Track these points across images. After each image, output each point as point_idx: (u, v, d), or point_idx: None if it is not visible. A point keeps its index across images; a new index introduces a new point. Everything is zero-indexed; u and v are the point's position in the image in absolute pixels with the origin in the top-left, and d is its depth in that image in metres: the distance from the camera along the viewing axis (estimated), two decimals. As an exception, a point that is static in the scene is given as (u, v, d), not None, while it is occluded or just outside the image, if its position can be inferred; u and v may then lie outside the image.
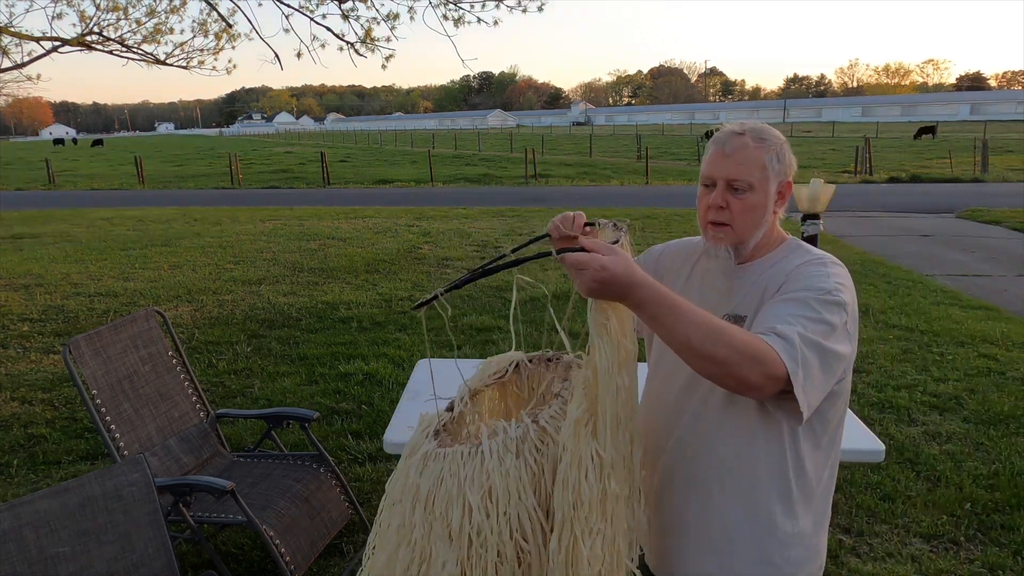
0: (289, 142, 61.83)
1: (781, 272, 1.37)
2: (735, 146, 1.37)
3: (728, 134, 1.41)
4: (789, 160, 1.41)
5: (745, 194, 1.36)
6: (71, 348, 2.69)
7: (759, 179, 1.36)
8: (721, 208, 1.38)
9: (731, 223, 1.38)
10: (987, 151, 19.83)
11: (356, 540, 3.06)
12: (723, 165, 1.38)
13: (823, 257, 1.38)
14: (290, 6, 7.17)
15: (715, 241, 1.41)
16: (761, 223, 1.40)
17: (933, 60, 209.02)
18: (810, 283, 1.30)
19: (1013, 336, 5.64)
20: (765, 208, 1.39)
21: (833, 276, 1.32)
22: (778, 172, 1.39)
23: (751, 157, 1.36)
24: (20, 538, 1.69)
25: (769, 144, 1.38)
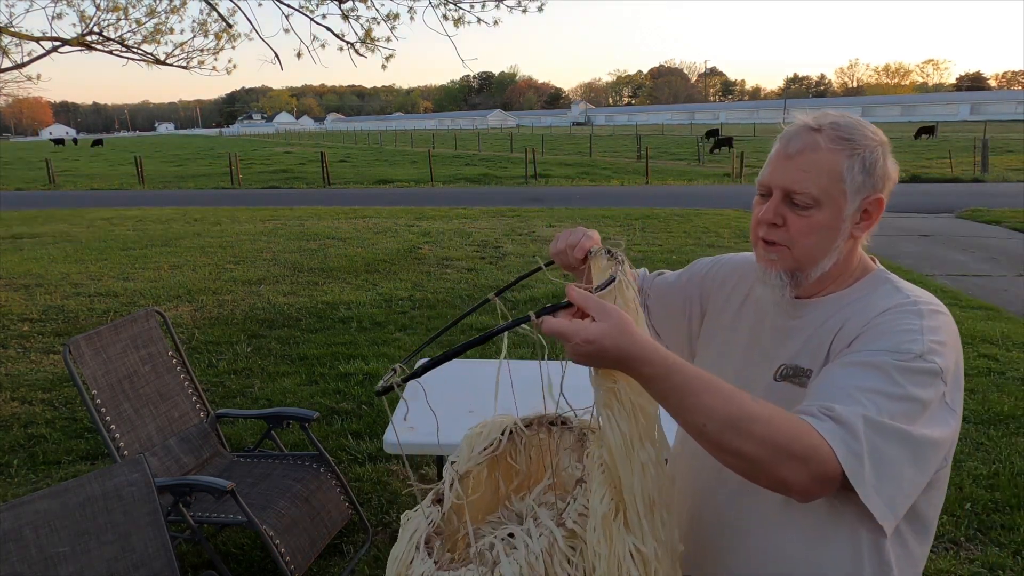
0: (289, 142, 61.84)
1: (859, 317, 1.04)
2: (802, 145, 1.05)
3: (799, 129, 1.08)
4: (883, 170, 1.06)
5: (808, 211, 1.05)
6: (71, 348, 2.70)
7: (829, 193, 1.04)
8: (775, 225, 1.08)
9: (788, 244, 1.08)
10: (987, 151, 19.82)
11: (356, 540, 3.06)
12: (783, 170, 1.06)
13: (918, 301, 1.03)
14: (290, 6, 7.17)
15: (766, 264, 1.11)
16: (829, 249, 1.07)
17: (933, 60, 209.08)
18: (894, 341, 0.97)
19: (1013, 336, 5.64)
20: (836, 230, 1.06)
21: (928, 331, 0.98)
22: (862, 185, 1.05)
23: (821, 162, 1.04)
24: (20, 538, 1.69)
25: (853, 147, 1.04)
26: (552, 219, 12.76)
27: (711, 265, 1.37)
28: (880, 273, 1.13)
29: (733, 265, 1.33)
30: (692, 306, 1.35)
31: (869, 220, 1.09)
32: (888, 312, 1.02)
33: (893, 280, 1.11)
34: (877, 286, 1.10)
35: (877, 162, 1.06)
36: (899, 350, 0.96)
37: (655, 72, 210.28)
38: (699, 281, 1.35)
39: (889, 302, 1.04)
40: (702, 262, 1.40)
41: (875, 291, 1.09)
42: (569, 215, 13.24)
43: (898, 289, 1.08)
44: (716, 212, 13.36)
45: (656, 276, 1.46)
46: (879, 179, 1.06)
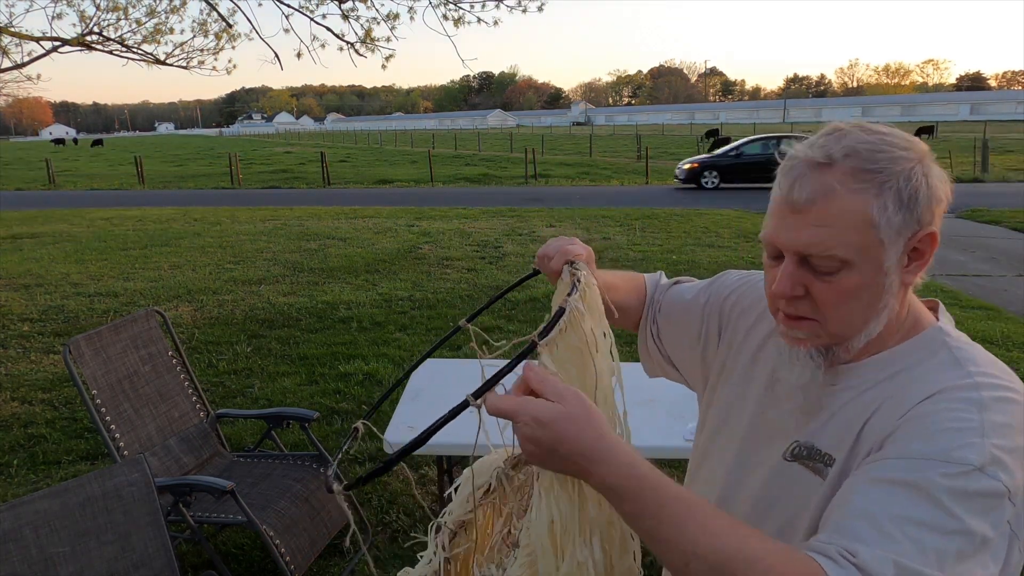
0: (289, 142, 61.85)
1: (902, 397, 0.79)
2: (811, 193, 0.78)
3: (803, 166, 0.80)
4: (928, 195, 0.79)
5: (835, 276, 0.79)
6: (71, 348, 2.70)
7: (861, 248, 0.78)
8: (797, 297, 0.82)
9: (817, 317, 0.83)
10: (987, 151, 19.83)
11: (356, 540, 3.06)
12: (791, 227, 0.80)
13: (979, 383, 0.76)
14: (290, 6, 7.17)
15: (791, 341, 0.86)
16: (874, 312, 0.81)
17: (933, 60, 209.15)
18: (944, 446, 0.71)
19: (1013, 336, 5.64)
20: (879, 287, 0.80)
21: (992, 431, 0.71)
22: (903, 225, 0.78)
23: (843, 212, 0.77)
24: (20, 538, 1.69)
25: (881, 179, 0.77)
26: (552, 219, 12.76)
27: (737, 285, 1.11)
28: (936, 333, 0.85)
29: (758, 293, 1.04)
30: (709, 336, 1.11)
31: (922, 259, 0.82)
32: (937, 398, 0.75)
33: (952, 343, 0.83)
34: (931, 352, 0.83)
35: (919, 189, 0.78)
36: (950, 459, 0.69)
37: (655, 72, 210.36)
38: (720, 302, 1.10)
39: (941, 381, 0.77)
40: (729, 278, 1.14)
41: (928, 360, 0.82)
42: (569, 215, 13.24)
43: (956, 361, 0.80)
44: (716, 212, 13.36)
45: (672, 285, 1.21)
46: (924, 210, 0.79)
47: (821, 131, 0.83)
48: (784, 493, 0.88)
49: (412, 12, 7.49)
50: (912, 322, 0.87)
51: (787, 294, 0.82)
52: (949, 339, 0.84)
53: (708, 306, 1.11)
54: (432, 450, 2.86)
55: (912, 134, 0.84)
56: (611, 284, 1.12)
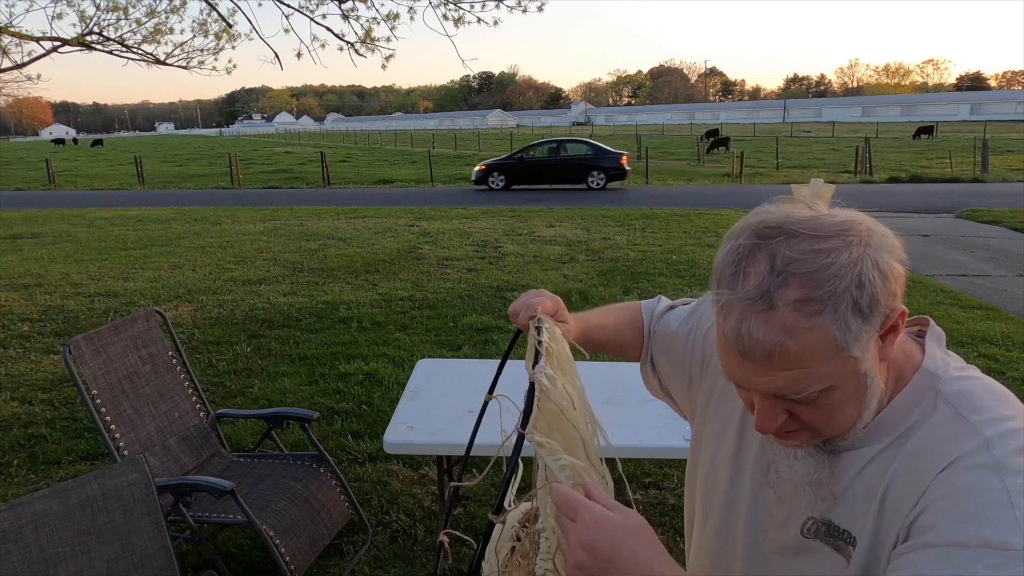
0: (289, 142, 61.84)
1: (914, 471, 0.75)
2: (764, 345, 0.71)
3: (743, 310, 0.72)
4: (885, 283, 0.71)
5: (818, 399, 0.75)
6: (71, 348, 2.70)
7: (836, 372, 0.73)
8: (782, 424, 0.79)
9: (810, 428, 0.80)
10: (987, 151, 19.83)
11: (356, 540, 3.06)
12: (754, 375, 0.74)
13: (990, 441, 0.72)
14: (290, 6, 7.17)
15: (787, 447, 0.83)
16: (864, 407, 0.78)
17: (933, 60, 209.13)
18: (979, 530, 0.67)
19: (1013, 336, 5.64)
20: (864, 388, 0.76)
21: (1017, 493, 0.68)
22: (868, 329, 0.72)
23: (806, 352, 0.71)
24: (20, 538, 1.69)
25: (834, 303, 0.69)
26: (552, 219, 12.77)
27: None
28: (926, 379, 0.80)
29: None
30: (693, 368, 1.06)
31: (896, 332, 0.75)
32: (952, 470, 0.72)
33: (946, 391, 0.78)
34: (928, 408, 0.78)
35: (875, 288, 0.70)
36: (989, 545, 0.66)
37: (655, 72, 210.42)
38: (703, 335, 1.04)
39: (950, 447, 0.74)
40: (706, 310, 1.07)
41: (927, 419, 0.78)
42: (569, 215, 13.24)
43: (957, 414, 0.76)
44: (716, 212, 13.36)
45: (666, 314, 1.16)
46: (884, 301, 0.71)
47: (740, 240, 0.74)
48: (806, 571, 0.85)
49: (412, 12, 7.51)
50: (896, 374, 0.81)
51: (771, 429, 0.78)
52: (941, 384, 0.79)
53: (691, 338, 1.06)
54: (432, 450, 2.86)
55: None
56: (601, 324, 1.12)
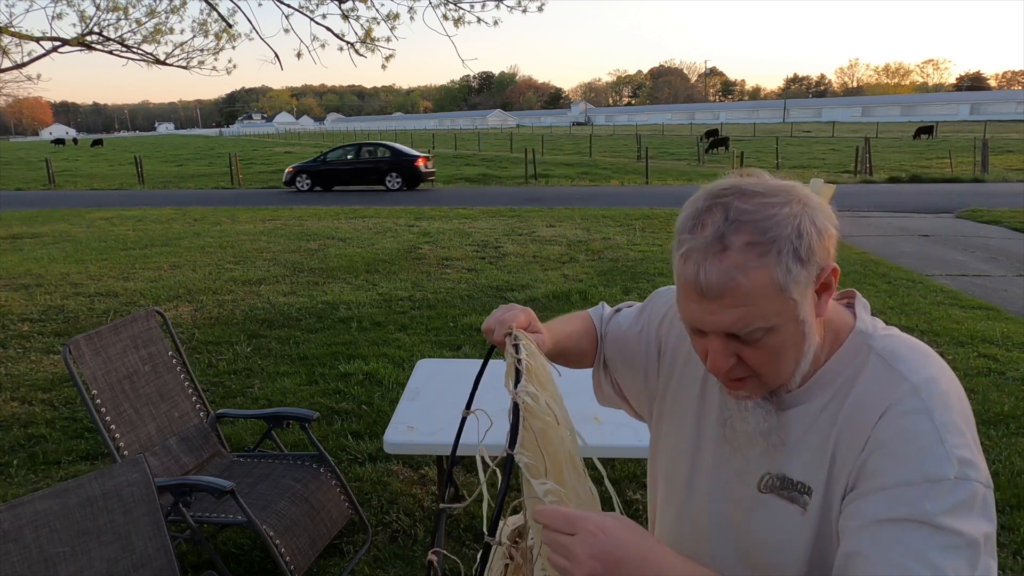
0: (289, 142, 61.83)
1: (856, 419, 0.86)
2: (719, 281, 0.81)
3: (701, 252, 0.82)
4: (820, 238, 0.83)
5: (762, 340, 0.84)
6: (71, 348, 2.69)
7: (778, 312, 0.83)
8: (731, 368, 0.88)
9: (755, 374, 0.89)
10: (987, 151, 19.83)
11: (356, 540, 3.06)
12: (708, 312, 0.83)
13: (917, 387, 0.84)
14: (290, 6, 7.17)
15: (738, 398, 0.93)
16: (802, 355, 0.87)
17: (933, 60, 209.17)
18: (918, 469, 0.78)
19: (1013, 336, 5.64)
20: (802, 335, 0.86)
21: (947, 434, 0.80)
22: (807, 276, 0.82)
23: (753, 290, 0.81)
24: (20, 538, 1.69)
25: (777, 246, 0.80)
26: (552, 219, 12.76)
27: (667, 306, 1.12)
28: (859, 337, 0.91)
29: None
30: (648, 361, 1.13)
31: (830, 290, 0.88)
32: (888, 418, 0.83)
33: (877, 347, 0.89)
34: (861, 361, 0.89)
35: (811, 239, 0.82)
36: (929, 478, 0.77)
37: (655, 72, 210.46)
38: (656, 328, 1.12)
39: (884, 394, 0.85)
40: (658, 299, 1.16)
41: (861, 371, 0.88)
42: (569, 215, 13.24)
43: (886, 364, 0.87)
44: (716, 212, 13.35)
45: (614, 316, 1.23)
46: (820, 253, 0.83)
47: (699, 202, 0.85)
48: (767, 526, 0.92)
49: (412, 12, 7.50)
50: (833, 334, 0.92)
51: (722, 370, 0.87)
52: (872, 341, 0.90)
53: (644, 333, 1.13)
54: (432, 450, 2.86)
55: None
56: (568, 334, 1.16)
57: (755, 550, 0.93)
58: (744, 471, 0.95)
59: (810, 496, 0.88)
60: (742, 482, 0.96)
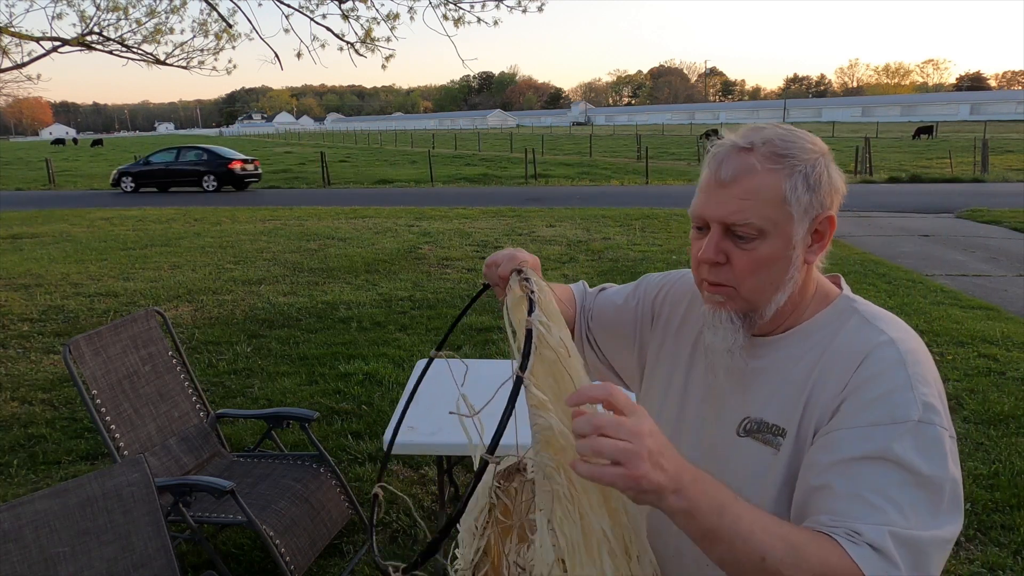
0: (289, 142, 61.84)
1: (833, 367, 0.92)
2: (735, 170, 0.91)
3: (728, 150, 0.94)
4: (829, 183, 0.93)
5: (752, 243, 0.91)
6: (71, 348, 2.69)
7: (774, 220, 0.91)
8: (717, 264, 0.94)
9: (734, 284, 0.95)
10: (987, 151, 19.83)
11: (356, 540, 3.06)
12: (718, 200, 0.92)
13: (894, 340, 0.91)
14: (290, 6, 7.17)
15: (713, 305, 0.98)
16: (782, 282, 0.94)
17: (933, 60, 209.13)
18: (887, 410, 0.85)
19: (1013, 336, 5.64)
20: (787, 260, 0.93)
21: (917, 382, 0.87)
22: (809, 205, 0.92)
23: (761, 187, 0.90)
24: (20, 538, 1.69)
25: (792, 163, 0.91)
26: (552, 219, 12.76)
27: (661, 282, 1.21)
28: (844, 301, 0.99)
29: (686, 286, 1.16)
30: (643, 332, 1.19)
31: (822, 241, 0.96)
32: (868, 364, 0.89)
33: (860, 309, 0.97)
34: (844, 319, 0.96)
35: (821, 176, 0.92)
36: (895, 420, 0.84)
37: (655, 72, 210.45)
38: (651, 301, 1.20)
39: (863, 343, 0.91)
40: (651, 278, 1.24)
41: (843, 326, 0.96)
42: (569, 215, 13.24)
43: (867, 321, 0.95)
44: (716, 212, 13.36)
45: (599, 293, 1.30)
46: (826, 195, 0.93)
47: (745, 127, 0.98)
48: (740, 467, 0.97)
49: (412, 12, 7.51)
50: (822, 296, 1.00)
51: (711, 259, 0.93)
52: (856, 304, 0.98)
53: (640, 307, 1.21)
54: (432, 450, 2.86)
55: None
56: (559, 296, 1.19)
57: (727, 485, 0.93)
58: (724, 417, 1.01)
59: (783, 437, 0.93)
60: (721, 429, 1.01)
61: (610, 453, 0.73)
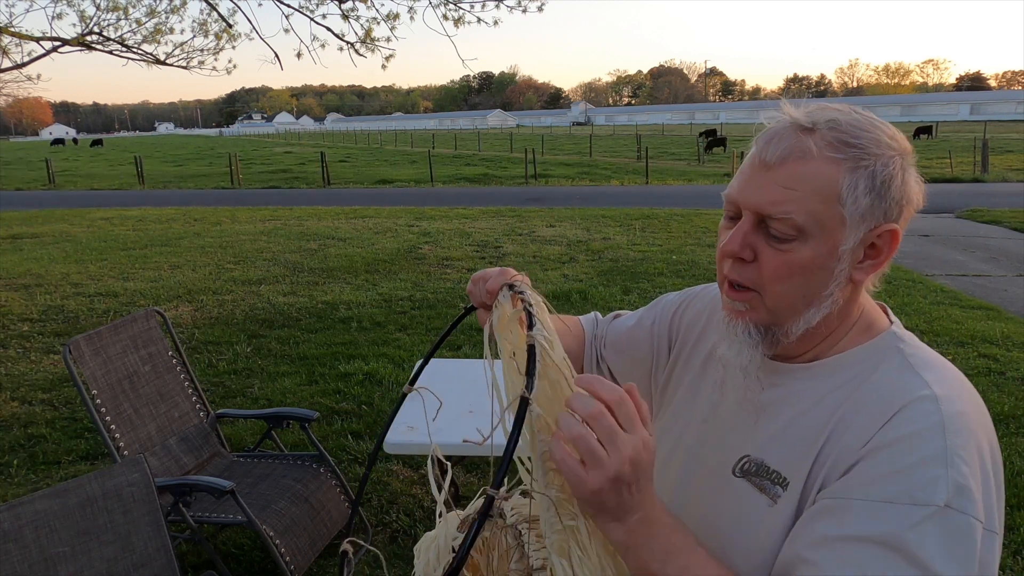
0: (289, 142, 61.84)
1: (859, 418, 0.75)
2: (786, 151, 0.75)
3: (784, 127, 0.78)
4: (901, 190, 0.76)
5: (788, 244, 0.76)
6: (71, 348, 2.70)
7: (820, 220, 0.75)
8: (741, 261, 0.79)
9: (758, 288, 0.79)
10: (987, 151, 19.83)
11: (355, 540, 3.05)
12: (758, 184, 0.77)
13: (938, 396, 0.73)
14: (290, 6, 7.17)
15: (731, 314, 0.83)
16: (816, 298, 0.78)
17: (933, 60, 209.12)
18: (908, 486, 0.69)
19: (1013, 336, 5.64)
20: (827, 272, 0.77)
21: (955, 457, 0.69)
22: (868, 211, 0.75)
23: (812, 176, 0.74)
24: (20, 538, 1.69)
25: (859, 155, 0.74)
26: (552, 219, 12.76)
27: (680, 301, 1.08)
28: (890, 338, 0.81)
29: (704, 301, 1.04)
30: (660, 354, 1.08)
31: (877, 259, 0.78)
32: (899, 421, 0.72)
33: (906, 349, 0.80)
34: (883, 357, 0.79)
35: (893, 179, 0.74)
36: (916, 501, 0.67)
37: (655, 72, 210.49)
38: (668, 319, 1.08)
39: (899, 393, 0.74)
40: (668, 299, 1.11)
41: (879, 366, 0.78)
42: (569, 215, 13.24)
43: (910, 367, 0.77)
44: (716, 212, 13.34)
45: (612, 320, 1.20)
46: (894, 203, 0.75)
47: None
48: (729, 510, 0.84)
49: (412, 12, 7.51)
50: (864, 326, 0.83)
51: (736, 251, 0.78)
52: (903, 344, 0.81)
53: (656, 326, 1.09)
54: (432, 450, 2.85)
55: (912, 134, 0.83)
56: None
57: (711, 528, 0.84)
58: (724, 447, 0.88)
59: (784, 488, 0.78)
60: (719, 461, 0.88)
61: (581, 446, 0.65)
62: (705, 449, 0.91)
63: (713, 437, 0.91)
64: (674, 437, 0.98)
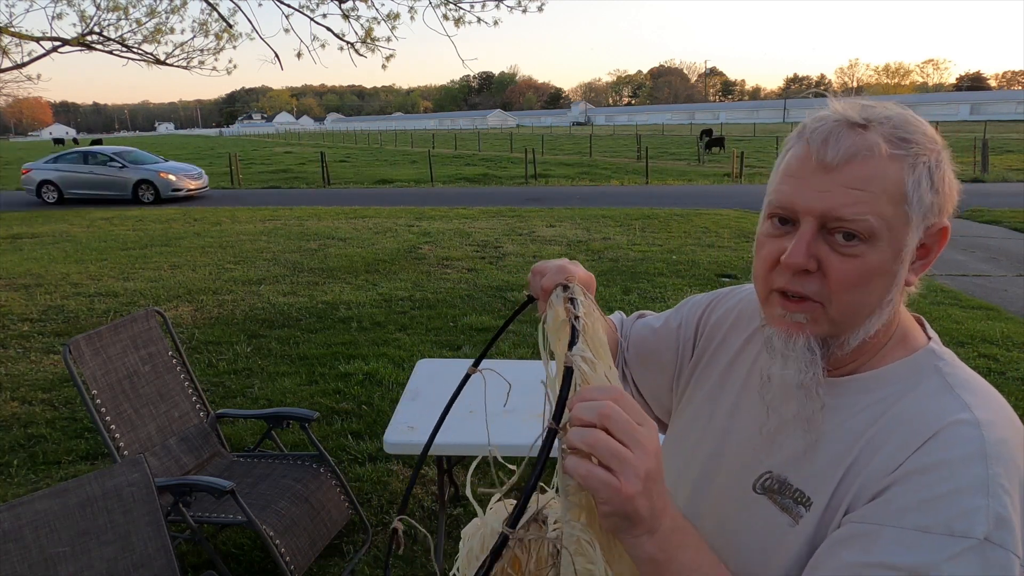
0: (289, 142, 61.83)
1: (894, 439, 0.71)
2: (851, 150, 0.70)
3: (837, 126, 0.72)
4: (951, 185, 0.74)
5: (860, 247, 0.71)
6: (71, 348, 2.69)
7: (890, 222, 0.71)
8: (805, 273, 0.73)
9: (823, 299, 0.74)
10: (987, 151, 19.82)
11: (356, 540, 3.06)
12: (821, 187, 0.71)
13: (979, 421, 0.69)
14: (290, 6, 7.17)
15: (787, 328, 0.76)
16: (879, 305, 0.74)
17: (933, 60, 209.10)
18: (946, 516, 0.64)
19: (1013, 336, 5.64)
20: (892, 277, 0.73)
21: (995, 487, 0.65)
22: (929, 209, 0.72)
23: (881, 176, 0.70)
24: (20, 538, 1.69)
25: (917, 152, 0.71)
26: (552, 219, 12.76)
27: (707, 303, 1.04)
28: (928, 357, 0.77)
29: (729, 304, 1.00)
30: (684, 357, 1.04)
31: (927, 258, 0.76)
32: (935, 445, 0.68)
33: (944, 368, 0.75)
34: (922, 375, 0.75)
35: (945, 175, 0.73)
36: (953, 532, 0.63)
37: (655, 72, 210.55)
38: (695, 320, 1.03)
39: (936, 416, 0.70)
40: (696, 300, 1.07)
41: (919, 384, 0.74)
42: (569, 215, 13.24)
43: (950, 388, 0.73)
44: (716, 212, 13.36)
45: (636, 320, 1.16)
46: (946, 199, 0.73)
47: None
48: (747, 529, 0.81)
49: (412, 12, 7.51)
50: (900, 337, 0.79)
51: (801, 263, 0.71)
52: (942, 362, 0.77)
53: (682, 328, 1.05)
54: (432, 450, 2.86)
55: None
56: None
57: (727, 546, 0.81)
58: (744, 464, 0.84)
59: (807, 509, 0.74)
60: (737, 476, 0.84)
61: (605, 452, 0.60)
62: (724, 461, 0.88)
63: (733, 449, 0.87)
64: (690, 445, 0.94)
